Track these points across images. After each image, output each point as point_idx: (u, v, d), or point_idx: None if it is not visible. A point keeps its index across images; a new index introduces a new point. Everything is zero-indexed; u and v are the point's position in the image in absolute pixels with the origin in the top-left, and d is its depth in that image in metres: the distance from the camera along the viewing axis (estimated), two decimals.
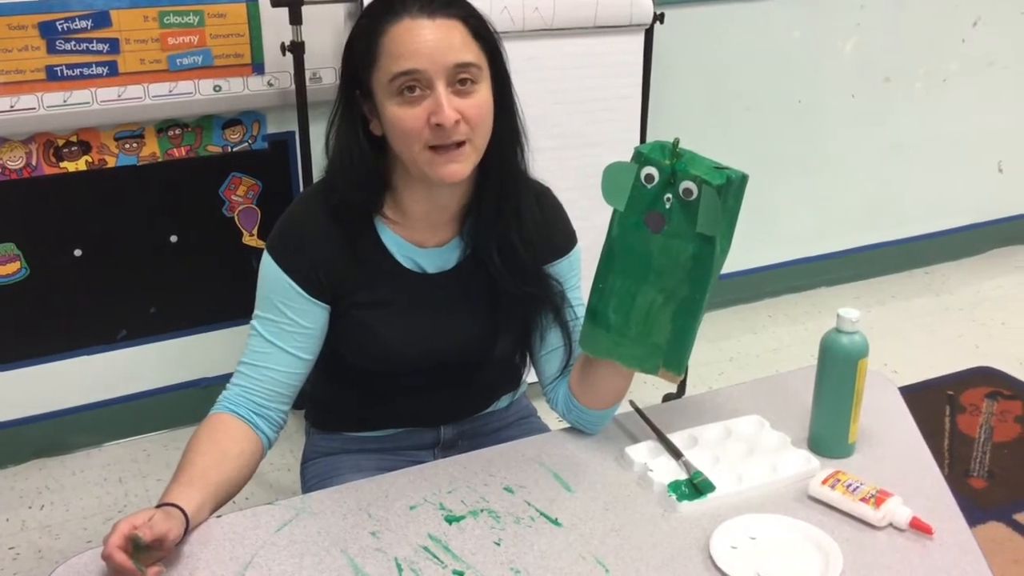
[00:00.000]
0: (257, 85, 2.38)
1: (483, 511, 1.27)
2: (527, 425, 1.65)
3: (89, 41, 2.20)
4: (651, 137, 2.58)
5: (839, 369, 1.34)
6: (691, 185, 1.22)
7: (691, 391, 2.77)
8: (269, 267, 1.36)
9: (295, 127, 2.40)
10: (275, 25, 2.31)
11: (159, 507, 1.19)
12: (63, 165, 2.33)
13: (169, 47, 2.28)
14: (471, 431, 1.59)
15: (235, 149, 2.48)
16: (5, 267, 2.36)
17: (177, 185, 2.45)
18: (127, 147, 2.37)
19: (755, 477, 1.32)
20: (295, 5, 2.19)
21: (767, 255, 3.38)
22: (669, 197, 1.24)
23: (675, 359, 1.30)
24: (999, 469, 2.47)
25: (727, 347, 3.13)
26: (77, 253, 2.42)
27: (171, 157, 2.42)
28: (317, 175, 1.48)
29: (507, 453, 1.41)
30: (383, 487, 1.33)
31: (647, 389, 2.64)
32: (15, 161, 2.28)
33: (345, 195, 1.34)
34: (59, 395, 2.52)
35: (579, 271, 1.50)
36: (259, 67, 2.37)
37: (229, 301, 2.59)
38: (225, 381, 1.39)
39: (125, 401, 2.60)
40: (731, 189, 1.22)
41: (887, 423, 1.46)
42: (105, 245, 2.44)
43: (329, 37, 2.34)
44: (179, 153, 2.43)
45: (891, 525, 1.24)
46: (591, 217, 1.53)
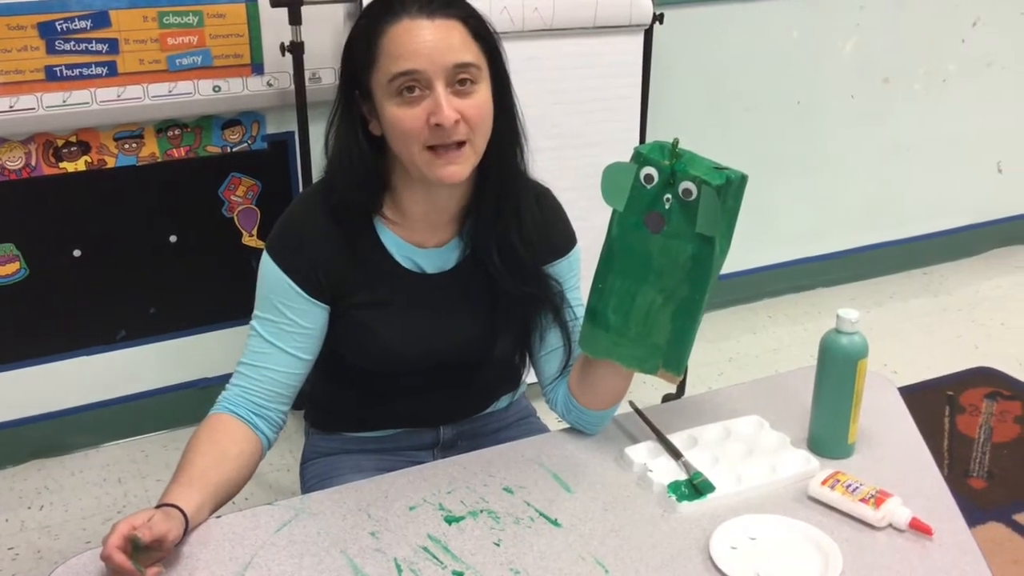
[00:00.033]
0: (256, 85, 2.38)
1: (483, 512, 1.27)
2: (527, 425, 1.65)
3: (88, 41, 2.20)
4: (650, 137, 2.58)
5: (839, 369, 1.34)
6: (690, 185, 1.22)
7: (690, 391, 2.77)
8: (268, 267, 1.36)
9: (294, 127, 2.40)
10: (274, 25, 2.31)
11: (158, 507, 1.19)
12: (62, 165, 2.33)
13: (168, 47, 2.28)
14: (470, 431, 1.59)
15: (234, 149, 2.48)
16: (4, 267, 2.36)
17: (176, 185, 2.45)
18: (126, 147, 2.37)
19: (755, 477, 1.32)
20: (294, 5, 2.19)
21: (767, 255, 3.38)
22: (668, 197, 1.24)
23: (674, 359, 1.30)
24: (998, 469, 2.47)
25: (726, 347, 3.13)
26: (76, 253, 2.42)
27: (170, 157, 2.42)
28: (316, 175, 1.48)
29: (507, 453, 1.41)
30: (382, 487, 1.32)
31: (646, 389, 2.64)
32: (14, 161, 2.28)
33: (344, 195, 1.34)
34: (58, 395, 2.52)
35: (578, 271, 1.50)
36: (258, 67, 2.37)
37: (228, 301, 2.59)
38: (224, 381, 1.39)
39: (124, 401, 2.59)
40: (730, 189, 1.22)
41: (887, 423, 1.46)
42: (104, 245, 2.44)
43: (328, 37, 2.34)
44: (178, 153, 2.43)
45: (891, 526, 1.24)
46: (590, 217, 1.53)
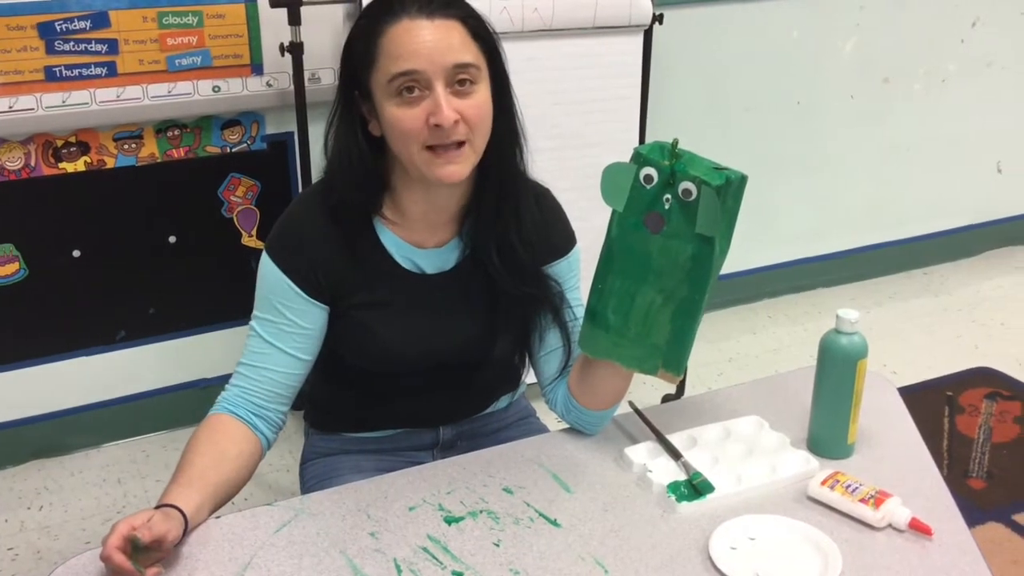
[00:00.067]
0: (256, 86, 2.38)
1: (482, 512, 1.27)
2: (526, 426, 1.65)
3: (88, 42, 2.20)
4: (650, 138, 2.58)
5: (838, 370, 1.34)
6: (690, 186, 1.22)
7: (690, 392, 2.77)
8: (268, 268, 1.36)
9: (294, 128, 2.40)
10: (274, 26, 2.31)
11: (158, 508, 1.19)
12: (62, 166, 2.33)
13: (168, 48, 2.27)
14: (470, 432, 1.59)
15: (234, 150, 2.48)
16: (4, 268, 2.36)
17: (176, 186, 2.45)
18: (126, 148, 2.37)
19: (754, 478, 1.32)
20: (294, 6, 2.19)
21: (766, 255, 3.38)
22: (668, 198, 1.24)
23: (674, 360, 1.30)
24: (998, 470, 2.47)
25: (726, 348, 3.12)
26: (76, 254, 2.41)
27: (170, 158, 2.42)
28: (316, 176, 1.48)
29: (506, 454, 1.40)
30: (382, 488, 1.32)
31: (646, 390, 2.64)
32: (14, 162, 2.28)
33: (344, 196, 1.34)
34: (58, 396, 2.52)
35: (578, 272, 1.50)
36: (258, 68, 2.37)
37: (228, 302, 2.58)
38: (224, 382, 1.39)
39: (124, 402, 2.59)
40: (730, 190, 1.22)
41: (886, 424, 1.46)
42: (104, 246, 2.44)
43: (328, 38, 2.34)
44: (178, 154, 2.43)
45: (890, 526, 1.24)
46: (590, 218, 1.53)
